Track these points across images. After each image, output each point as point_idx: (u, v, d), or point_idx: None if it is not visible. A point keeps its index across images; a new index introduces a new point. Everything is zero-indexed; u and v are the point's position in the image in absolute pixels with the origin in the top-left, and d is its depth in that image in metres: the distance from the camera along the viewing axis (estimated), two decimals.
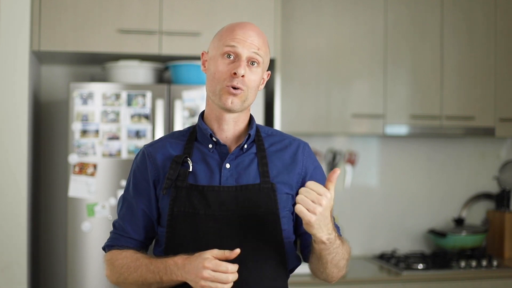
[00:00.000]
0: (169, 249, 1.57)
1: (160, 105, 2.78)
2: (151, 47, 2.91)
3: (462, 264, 3.31)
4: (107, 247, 1.67)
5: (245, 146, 1.62)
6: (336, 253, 1.53)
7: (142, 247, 1.66)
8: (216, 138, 1.60)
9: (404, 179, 3.78)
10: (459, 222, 3.66)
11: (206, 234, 1.54)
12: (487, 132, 3.54)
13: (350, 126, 3.36)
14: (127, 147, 2.77)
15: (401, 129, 3.44)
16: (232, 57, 1.56)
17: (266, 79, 1.68)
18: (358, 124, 3.37)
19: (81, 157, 2.75)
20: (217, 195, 1.55)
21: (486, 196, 3.87)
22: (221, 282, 1.40)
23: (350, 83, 3.38)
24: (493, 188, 3.88)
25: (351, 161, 3.67)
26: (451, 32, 3.50)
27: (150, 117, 2.79)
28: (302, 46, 3.32)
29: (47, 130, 3.28)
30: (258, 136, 1.65)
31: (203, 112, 1.67)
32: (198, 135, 1.64)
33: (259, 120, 2.94)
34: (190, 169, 1.58)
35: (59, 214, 3.25)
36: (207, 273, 1.41)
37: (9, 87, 2.72)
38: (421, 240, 3.78)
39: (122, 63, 2.95)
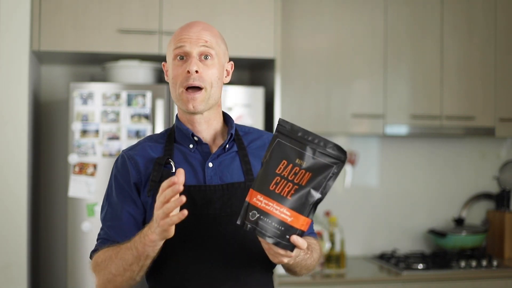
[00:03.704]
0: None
1: (160, 105, 2.78)
2: (151, 47, 2.91)
3: (462, 264, 3.31)
4: (92, 253, 1.65)
5: (227, 145, 1.62)
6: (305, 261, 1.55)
7: None
8: (197, 137, 1.61)
9: (404, 179, 3.78)
10: (459, 222, 3.66)
11: (193, 233, 1.54)
12: (487, 132, 3.54)
13: (350, 126, 3.36)
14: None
15: (401, 129, 3.44)
16: (184, 58, 1.58)
17: (230, 71, 1.68)
18: (358, 124, 3.36)
19: (81, 157, 2.75)
20: (203, 194, 1.56)
21: (486, 196, 3.87)
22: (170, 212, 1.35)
23: (350, 83, 3.38)
24: (493, 188, 3.88)
25: (351, 161, 3.67)
26: (451, 32, 3.50)
27: (150, 117, 2.79)
28: (302, 46, 3.32)
29: (47, 130, 3.27)
30: (237, 135, 1.66)
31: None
32: (176, 136, 1.64)
33: (259, 119, 2.94)
34: (173, 170, 1.58)
35: (59, 214, 3.25)
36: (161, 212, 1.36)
37: (9, 87, 2.72)
38: (421, 240, 3.78)
39: (122, 63, 2.95)
